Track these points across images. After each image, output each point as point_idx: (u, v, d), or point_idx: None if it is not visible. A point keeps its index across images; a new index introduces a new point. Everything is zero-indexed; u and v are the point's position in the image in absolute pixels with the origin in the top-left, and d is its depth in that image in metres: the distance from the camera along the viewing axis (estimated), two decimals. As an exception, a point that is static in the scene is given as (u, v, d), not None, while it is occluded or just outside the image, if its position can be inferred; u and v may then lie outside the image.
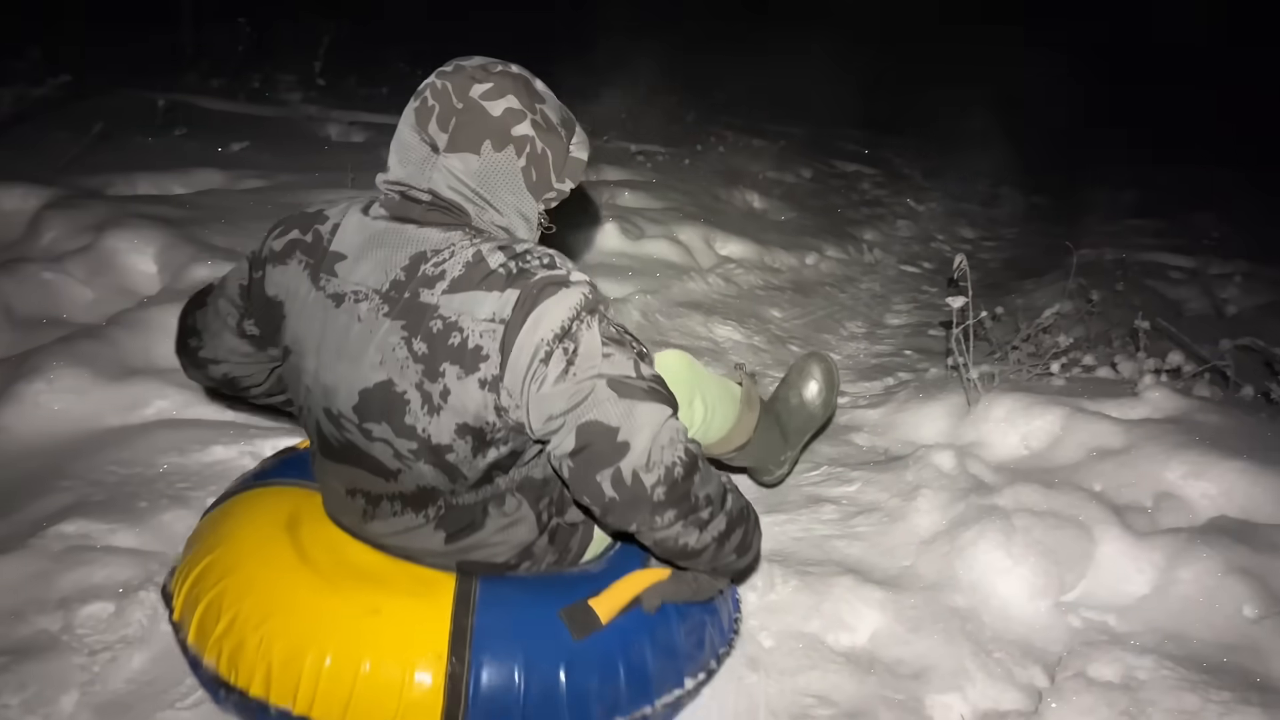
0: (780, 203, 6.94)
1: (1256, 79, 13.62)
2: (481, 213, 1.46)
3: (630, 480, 1.31)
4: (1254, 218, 8.14)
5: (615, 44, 13.02)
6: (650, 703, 1.50)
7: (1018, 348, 3.62)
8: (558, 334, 1.32)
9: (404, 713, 1.35)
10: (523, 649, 1.41)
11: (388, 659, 1.36)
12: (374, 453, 1.45)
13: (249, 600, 1.44)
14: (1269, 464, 2.40)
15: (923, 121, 13.60)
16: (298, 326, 1.48)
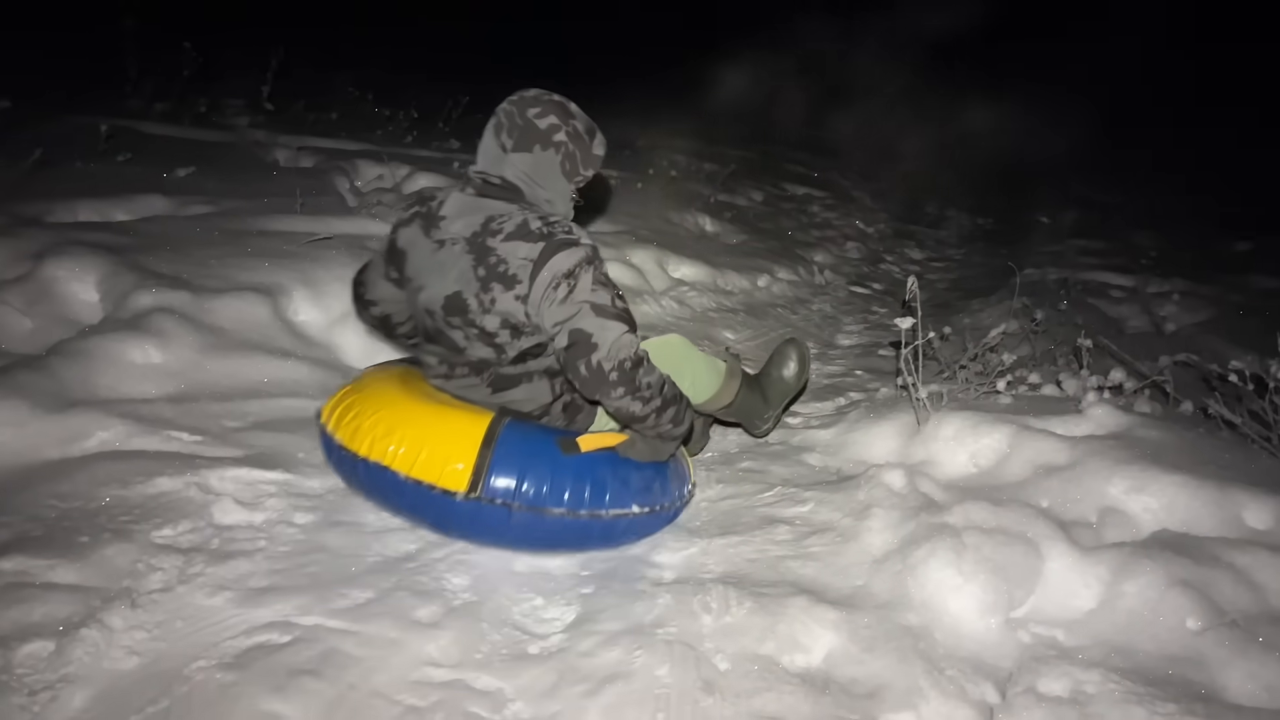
0: (732, 225, 7.00)
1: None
2: (533, 191, 2.34)
3: (595, 366, 2.15)
4: (1190, 238, 8.39)
5: (563, 68, 13.11)
6: (603, 507, 2.30)
7: (965, 367, 3.68)
8: (564, 274, 2.16)
9: (446, 477, 2.20)
10: (525, 453, 2.25)
11: (444, 444, 2.22)
12: (451, 336, 2.35)
13: (380, 412, 2.31)
14: (1207, 477, 2.46)
15: (872, 145, 13.84)
16: (415, 262, 2.38)
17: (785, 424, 3.69)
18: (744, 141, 11.25)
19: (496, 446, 2.22)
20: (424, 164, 6.12)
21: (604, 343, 2.14)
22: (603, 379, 2.15)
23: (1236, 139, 13.45)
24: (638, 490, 2.38)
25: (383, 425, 2.27)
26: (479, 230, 2.23)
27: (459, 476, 2.19)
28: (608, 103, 9.99)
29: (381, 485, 2.30)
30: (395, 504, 2.35)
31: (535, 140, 2.29)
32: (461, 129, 7.98)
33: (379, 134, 7.29)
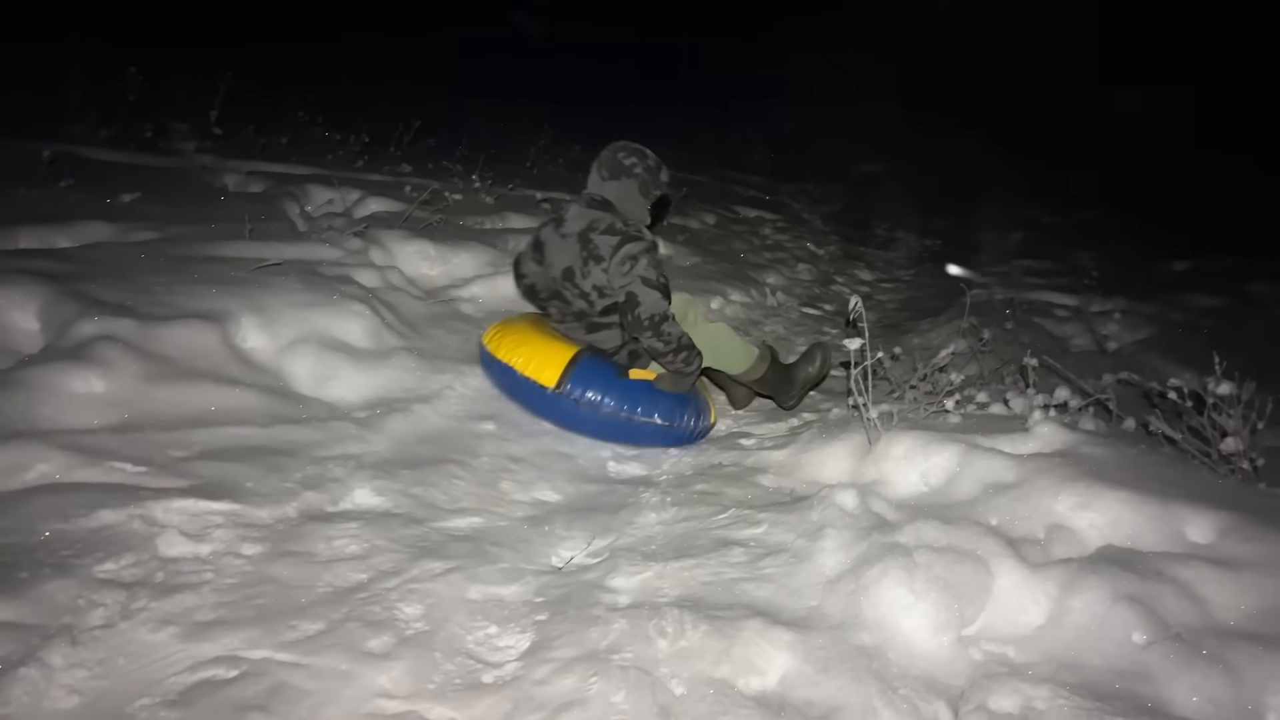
0: (684, 248, 7.04)
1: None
2: (621, 205, 3.60)
3: (637, 316, 3.39)
4: (1131, 257, 8.61)
5: (520, 92, 13.15)
6: (636, 413, 3.45)
7: (915, 387, 3.73)
8: (629, 256, 3.40)
9: (544, 378, 3.43)
10: (594, 372, 3.46)
11: (548, 359, 3.47)
12: (565, 294, 3.60)
13: (516, 337, 3.60)
14: (1150, 493, 2.51)
15: (823, 169, 14.05)
16: (549, 249, 3.65)
17: (738, 445, 3.71)
18: (697, 166, 11.35)
19: (578, 365, 3.45)
20: (376, 188, 6.08)
21: (645, 302, 3.39)
22: (640, 324, 3.41)
23: (1172, 163, 13.87)
24: (662, 409, 3.49)
25: (516, 344, 3.56)
26: (585, 229, 3.52)
27: (551, 378, 3.42)
28: (563, 129, 10.06)
29: (509, 380, 3.58)
30: (514, 393, 3.62)
31: (621, 173, 3.60)
32: (413, 153, 7.95)
33: (330, 158, 7.23)
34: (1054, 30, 20.45)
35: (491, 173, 7.10)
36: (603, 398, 3.42)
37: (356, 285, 4.12)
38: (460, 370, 3.83)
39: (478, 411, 3.57)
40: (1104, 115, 16.97)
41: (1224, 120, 15.63)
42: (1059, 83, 18.58)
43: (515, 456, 3.27)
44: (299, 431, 3.09)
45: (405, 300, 4.31)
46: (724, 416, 4.16)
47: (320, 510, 2.69)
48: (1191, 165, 13.58)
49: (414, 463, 3.06)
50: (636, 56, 18.56)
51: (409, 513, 2.76)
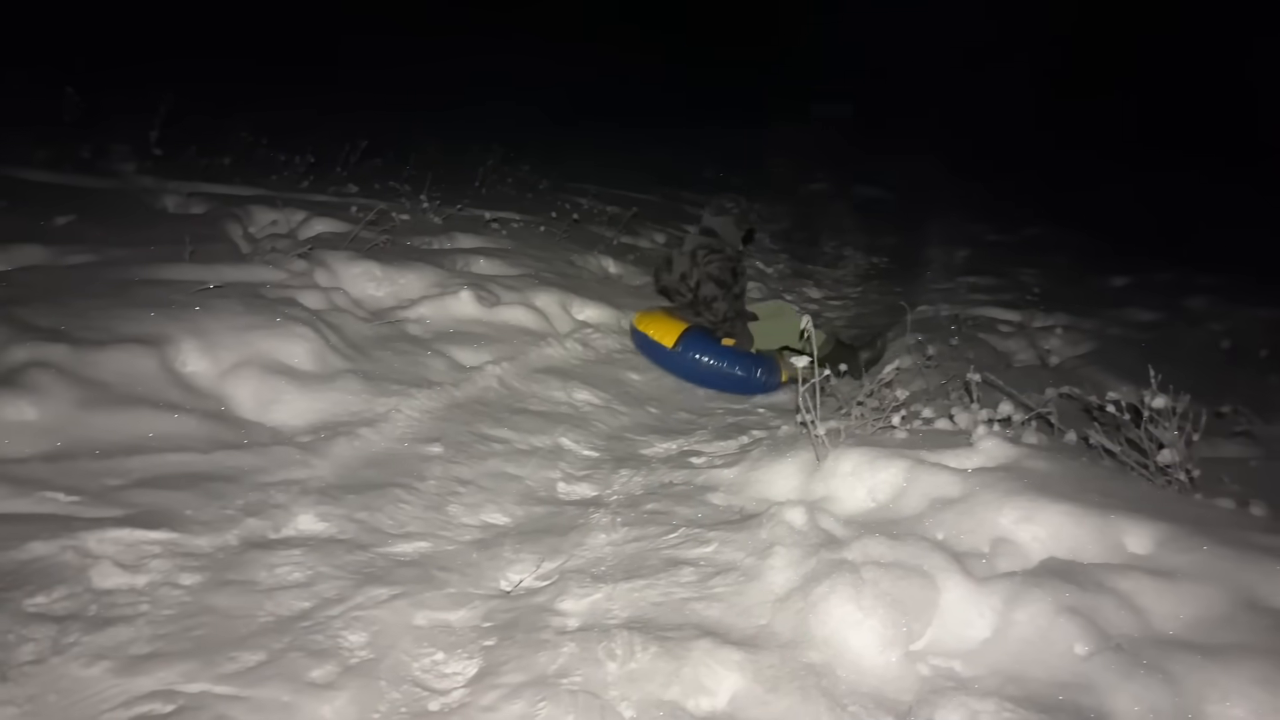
0: (635, 267, 7.06)
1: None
2: (722, 234, 5.41)
3: (702, 298, 5.27)
4: (1072, 273, 8.78)
5: (468, 113, 13.12)
6: (722, 366, 4.99)
7: (862, 403, 3.76)
8: (708, 261, 5.25)
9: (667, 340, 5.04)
10: (699, 338, 5.05)
11: (669, 329, 5.08)
12: (681, 290, 5.37)
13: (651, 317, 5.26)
14: (1090, 505, 2.56)
15: (773, 186, 14.19)
16: (675, 262, 5.43)
17: (689, 464, 3.71)
18: (647, 185, 11.40)
19: (687, 334, 5.02)
20: (321, 209, 6.01)
21: (705, 290, 5.21)
22: (703, 302, 5.22)
23: (1112, 179, 14.24)
24: (740, 365, 5.01)
25: (651, 322, 5.18)
26: (696, 248, 5.28)
27: (670, 341, 5.01)
28: (512, 148, 10.04)
29: (647, 344, 5.17)
30: (651, 354, 5.19)
31: (722, 212, 5.45)
32: (360, 173, 7.88)
33: (274, 179, 7.13)
34: (999, 53, 20.97)
35: (440, 192, 7.06)
36: (700, 355, 4.98)
37: (301, 307, 4.05)
38: (407, 392, 3.79)
39: (425, 434, 3.53)
40: (1046, 133, 17.41)
41: (1161, 138, 16.11)
42: (1002, 104, 19.03)
43: (463, 479, 3.23)
44: (240, 457, 3.03)
45: (351, 322, 4.25)
46: (678, 436, 4.17)
47: (262, 537, 2.63)
48: (1131, 182, 13.95)
49: (359, 487, 3.01)
50: (591, 74, 18.65)
51: (354, 538, 2.71)
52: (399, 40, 16.26)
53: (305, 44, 14.05)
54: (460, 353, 4.38)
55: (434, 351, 4.31)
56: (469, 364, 4.31)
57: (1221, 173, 13.43)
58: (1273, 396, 4.64)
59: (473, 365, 4.30)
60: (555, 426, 3.90)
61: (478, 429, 3.69)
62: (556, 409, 4.16)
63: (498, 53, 17.23)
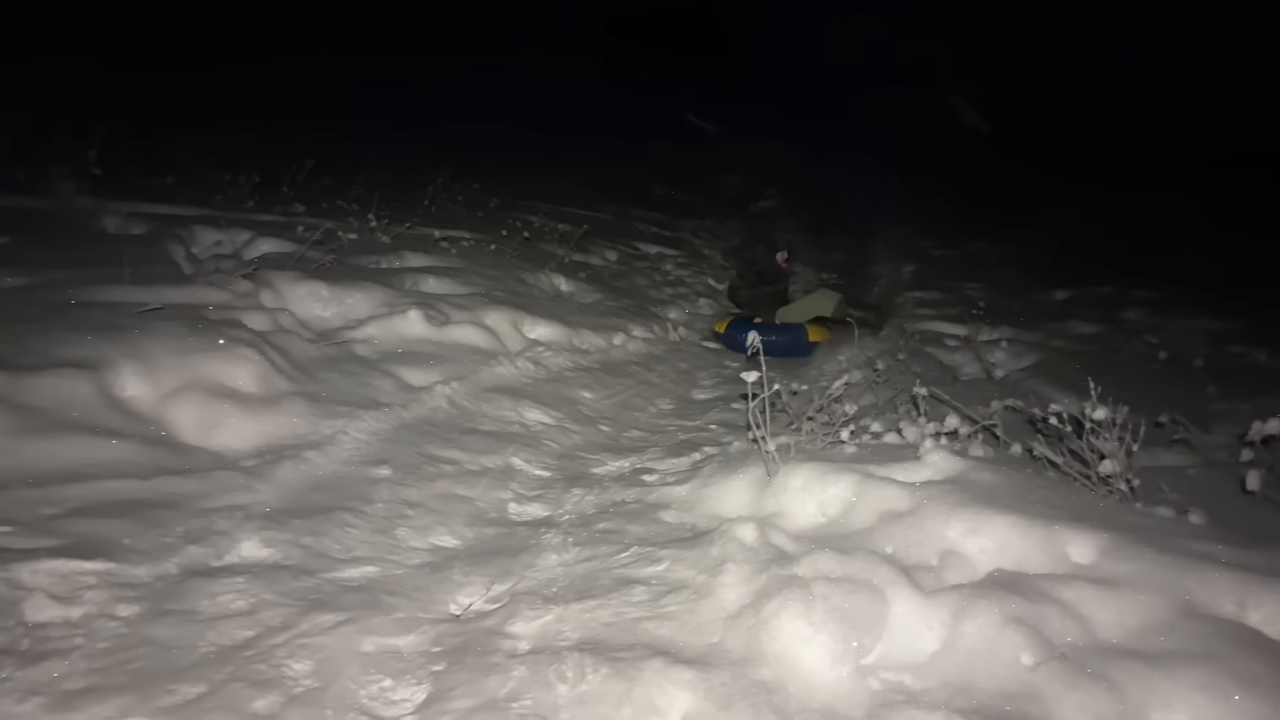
0: (587, 285, 7.06)
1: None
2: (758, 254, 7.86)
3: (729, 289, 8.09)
4: (1016, 287, 8.95)
5: (419, 134, 13.05)
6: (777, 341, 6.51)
7: (813, 418, 3.79)
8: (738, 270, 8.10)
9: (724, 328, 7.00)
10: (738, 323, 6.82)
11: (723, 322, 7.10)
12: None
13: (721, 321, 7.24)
14: (1035, 516, 2.59)
15: (723, 203, 14.29)
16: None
17: (642, 482, 3.70)
18: (598, 202, 11.42)
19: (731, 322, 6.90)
20: (267, 229, 5.93)
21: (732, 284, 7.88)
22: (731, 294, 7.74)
23: (1050, 198, 14.57)
24: (780, 334, 6.70)
25: (719, 322, 7.06)
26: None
27: (722, 328, 6.89)
28: (462, 166, 10.00)
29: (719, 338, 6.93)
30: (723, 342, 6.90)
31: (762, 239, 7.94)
32: (307, 192, 7.79)
33: (219, 199, 7.02)
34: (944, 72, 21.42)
35: (388, 211, 7.00)
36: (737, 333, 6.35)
37: (245, 329, 3.99)
38: (355, 414, 3.74)
39: (373, 456, 3.49)
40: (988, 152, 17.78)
41: (1098, 156, 16.54)
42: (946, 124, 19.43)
43: (412, 501, 3.19)
44: (182, 483, 2.96)
45: (296, 343, 4.19)
46: (629, 454, 4.16)
47: (204, 565, 2.57)
48: (1070, 199, 14.29)
49: (305, 511, 2.96)
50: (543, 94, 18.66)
51: (299, 564, 2.66)
52: (351, 60, 16.14)
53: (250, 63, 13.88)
54: (409, 373, 4.34)
55: (382, 372, 4.26)
56: (418, 384, 4.27)
57: (1155, 188, 13.81)
58: (1208, 405, 4.76)
59: (421, 385, 4.26)
60: (506, 446, 3.87)
61: (427, 450, 3.65)
62: (507, 428, 4.13)
63: (442, 77, 17.17)
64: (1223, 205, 12.66)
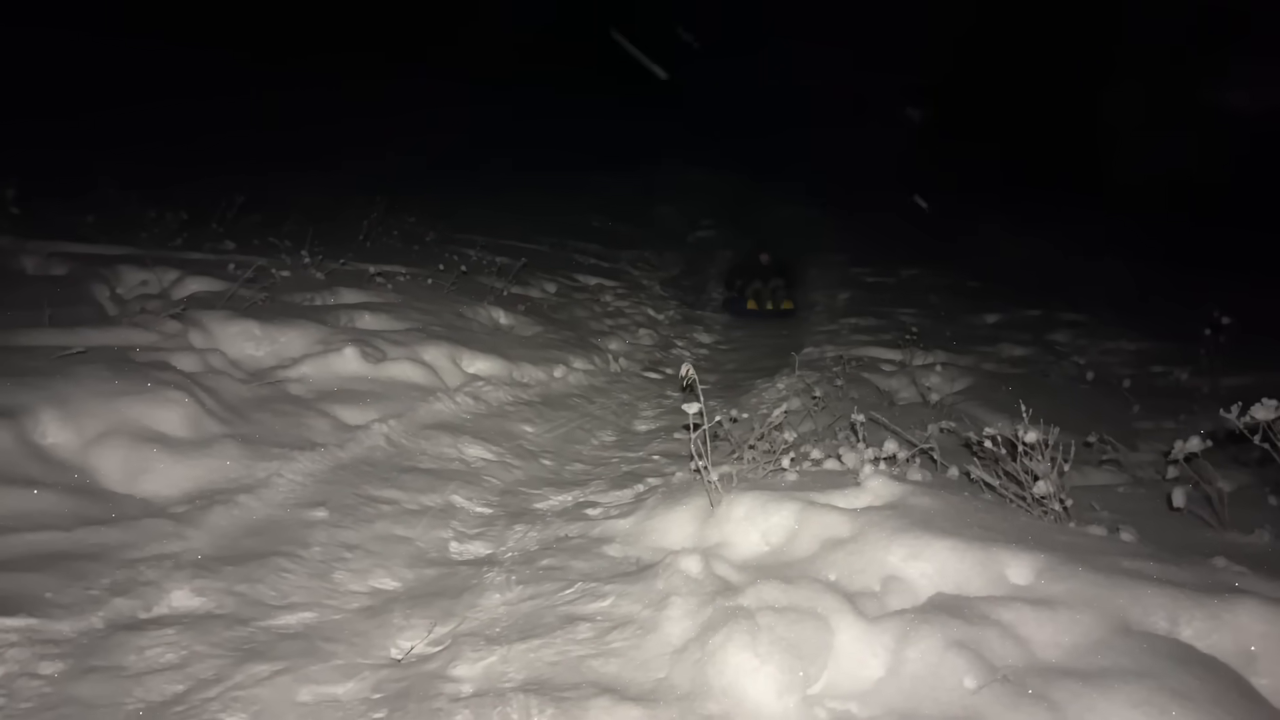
0: (526, 318, 7.02)
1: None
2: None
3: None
4: (949, 312, 9.16)
5: (354, 168, 12.93)
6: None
7: (754, 446, 3.81)
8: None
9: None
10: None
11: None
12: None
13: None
14: (973, 539, 2.63)
15: (661, 234, 14.39)
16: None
17: (585, 516, 3.67)
18: (534, 234, 11.42)
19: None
20: (196, 267, 5.80)
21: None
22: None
23: (980, 223, 14.96)
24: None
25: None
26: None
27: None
28: (399, 200, 9.92)
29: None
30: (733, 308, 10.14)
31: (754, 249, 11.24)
32: (237, 229, 7.65)
33: (144, 236, 6.86)
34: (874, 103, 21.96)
35: (322, 247, 6.91)
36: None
37: (173, 370, 3.88)
38: (289, 456, 3.65)
39: (308, 498, 3.40)
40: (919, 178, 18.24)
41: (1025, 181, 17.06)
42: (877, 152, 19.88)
43: (349, 544, 3.12)
44: (107, 533, 2.86)
45: (228, 384, 4.09)
46: (573, 487, 4.13)
47: (131, 618, 2.48)
48: (997, 224, 14.69)
49: (238, 558, 2.87)
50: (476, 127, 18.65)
51: (233, 613, 2.58)
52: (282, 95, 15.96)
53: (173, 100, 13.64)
54: (345, 411, 4.26)
55: (317, 411, 4.18)
56: (354, 423, 4.19)
57: (1078, 213, 14.28)
58: (1134, 424, 4.91)
59: (358, 424, 4.18)
60: (446, 484, 3.81)
61: (364, 490, 3.58)
62: (447, 466, 4.08)
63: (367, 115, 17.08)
64: (1131, 229, 13.16)
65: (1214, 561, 2.68)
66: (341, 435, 4.04)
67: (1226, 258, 11.25)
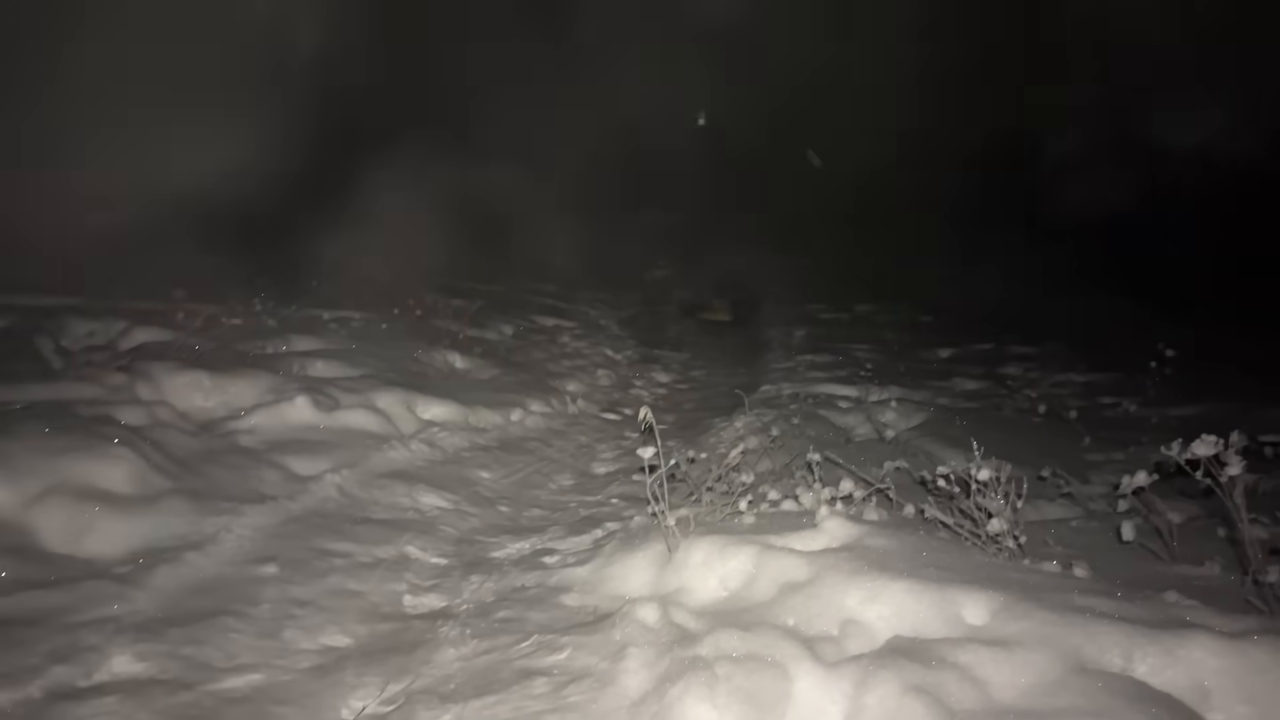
0: (483, 361, 6.99)
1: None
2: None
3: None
4: (903, 347, 9.26)
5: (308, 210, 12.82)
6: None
7: (711, 488, 3.80)
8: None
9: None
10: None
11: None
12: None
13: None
14: (929, 580, 2.64)
15: (618, 275, 14.45)
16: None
17: (542, 564, 3.63)
18: (492, 275, 11.39)
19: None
20: (145, 317, 5.71)
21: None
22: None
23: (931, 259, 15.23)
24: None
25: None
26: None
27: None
28: (354, 242, 9.86)
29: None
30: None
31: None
32: (189, 277, 7.52)
33: (92, 286, 6.72)
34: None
35: (275, 293, 6.83)
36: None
37: (119, 425, 3.80)
38: (238, 509, 3.58)
39: (258, 553, 3.33)
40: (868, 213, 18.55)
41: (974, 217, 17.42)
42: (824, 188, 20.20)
43: (300, 600, 3.05)
44: (46, 596, 2.77)
45: (176, 437, 4.01)
46: (529, 535, 4.08)
47: (70, 686, 2.40)
48: (949, 259, 14.97)
49: (184, 618, 2.80)
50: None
51: (178, 677, 2.50)
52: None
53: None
54: (296, 462, 4.19)
55: (268, 463, 4.10)
56: (306, 474, 4.12)
57: (1024, 246, 14.59)
58: (1085, 456, 4.98)
59: (310, 475, 4.11)
60: (400, 535, 3.75)
61: (316, 544, 3.51)
62: (402, 515, 4.02)
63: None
64: (1073, 262, 13.49)
65: (1166, 596, 2.71)
66: (293, 487, 3.97)
67: (1164, 289, 11.55)
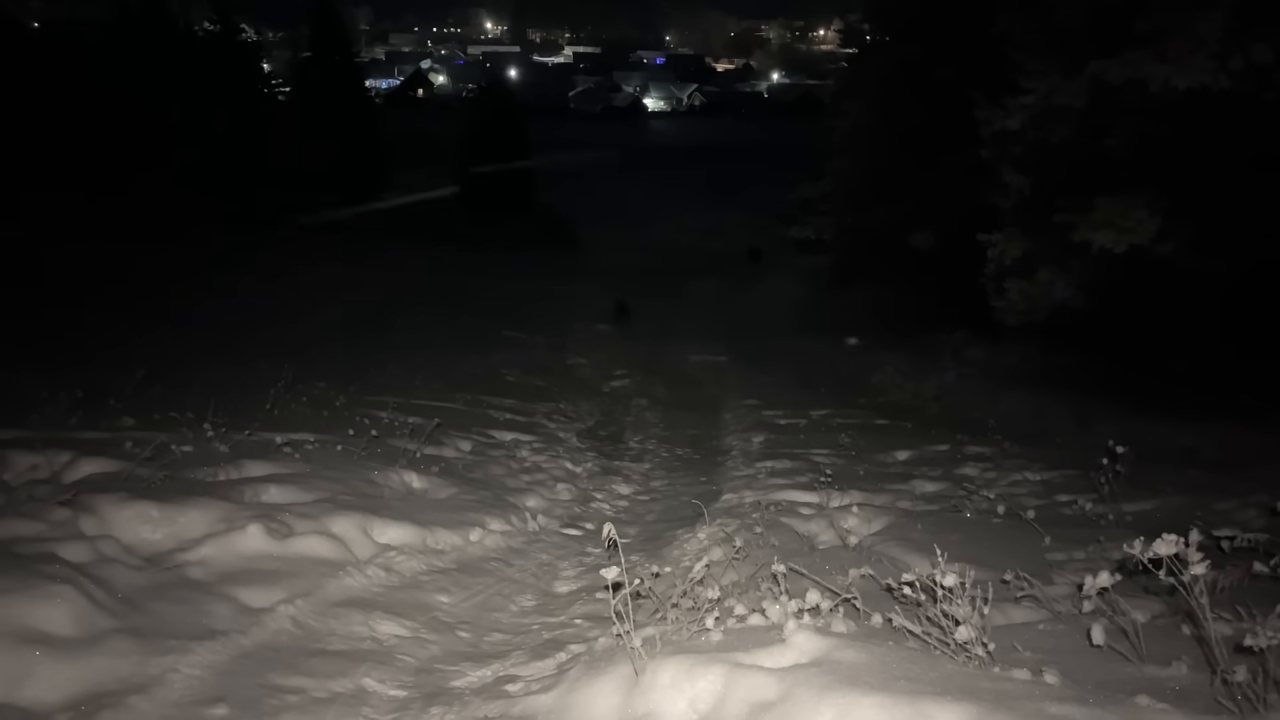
0: (440, 479, 6.89)
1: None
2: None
3: None
4: (860, 451, 9.32)
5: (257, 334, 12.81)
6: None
7: (677, 605, 3.74)
8: None
9: None
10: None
11: None
12: None
13: None
14: (900, 694, 2.59)
15: (575, 386, 14.48)
16: None
17: (505, 693, 3.52)
18: (447, 392, 11.36)
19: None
20: (90, 448, 5.57)
21: None
22: None
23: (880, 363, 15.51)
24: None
25: None
26: None
27: None
28: (303, 366, 9.82)
29: None
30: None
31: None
32: (137, 404, 7.42)
33: (35, 417, 6.59)
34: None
35: (226, 418, 6.73)
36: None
37: (61, 562, 3.67)
38: (186, 647, 3.44)
39: (207, 694, 3.19)
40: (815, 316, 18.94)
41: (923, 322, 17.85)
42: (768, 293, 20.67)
43: (252, 743, 2.92)
44: (-22, 752, 2.61)
45: (121, 573, 3.87)
46: (492, 660, 3.96)
47: None
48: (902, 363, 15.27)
49: (127, 770, 2.65)
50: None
51: (118, 836, 2.35)
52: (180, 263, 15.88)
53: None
54: (248, 594, 4.06)
55: (218, 595, 3.97)
56: (258, 605, 3.99)
57: (972, 348, 14.93)
58: (1046, 555, 4.99)
59: (262, 606, 3.98)
60: (357, 666, 3.63)
61: (268, 680, 3.38)
62: (359, 645, 3.89)
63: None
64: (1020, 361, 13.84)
65: (1138, 700, 2.69)
66: (244, 620, 3.83)
67: (1109, 385, 11.85)
